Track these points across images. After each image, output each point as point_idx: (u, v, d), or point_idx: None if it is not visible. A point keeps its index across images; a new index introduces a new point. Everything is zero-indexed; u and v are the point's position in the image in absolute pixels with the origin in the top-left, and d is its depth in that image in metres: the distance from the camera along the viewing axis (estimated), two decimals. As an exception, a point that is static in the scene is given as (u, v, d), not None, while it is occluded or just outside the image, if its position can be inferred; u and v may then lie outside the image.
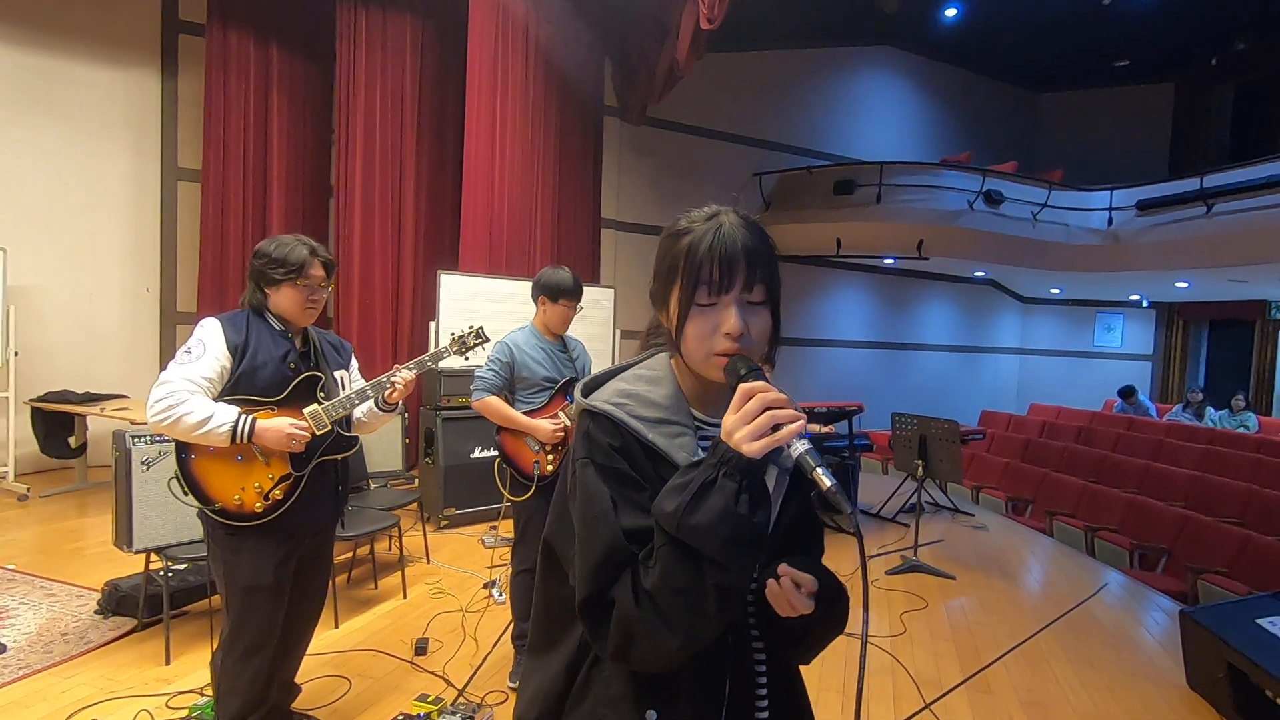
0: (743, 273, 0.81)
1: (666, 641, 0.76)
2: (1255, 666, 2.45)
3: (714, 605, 0.76)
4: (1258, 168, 7.47)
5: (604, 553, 0.79)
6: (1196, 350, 11.10)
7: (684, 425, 0.87)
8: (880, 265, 10.18)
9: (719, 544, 0.73)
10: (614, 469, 0.82)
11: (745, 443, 0.73)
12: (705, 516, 0.72)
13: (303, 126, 6.25)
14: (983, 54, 10.77)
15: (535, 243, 6.49)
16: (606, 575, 0.79)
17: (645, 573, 0.78)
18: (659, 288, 0.89)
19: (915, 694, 2.72)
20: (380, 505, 3.65)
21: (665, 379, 0.90)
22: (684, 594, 0.75)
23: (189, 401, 1.79)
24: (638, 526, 0.79)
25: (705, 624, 0.77)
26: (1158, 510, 5.18)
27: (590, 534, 0.81)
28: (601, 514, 0.80)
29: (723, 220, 0.84)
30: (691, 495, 0.73)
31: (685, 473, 0.77)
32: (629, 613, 0.76)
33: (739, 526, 0.73)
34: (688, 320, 0.83)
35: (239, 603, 1.93)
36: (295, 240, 1.99)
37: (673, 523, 0.74)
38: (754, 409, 0.74)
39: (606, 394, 0.88)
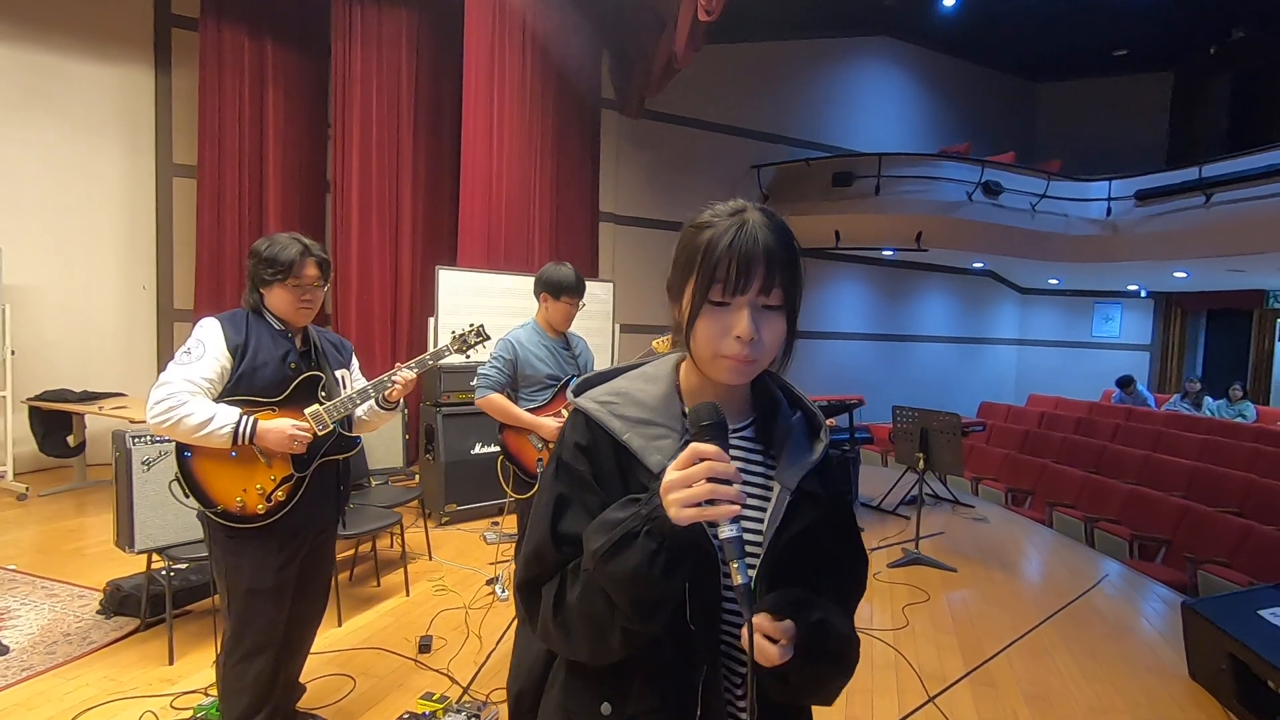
0: (761, 275, 0.78)
1: (574, 652, 0.81)
2: (1257, 658, 2.45)
3: (618, 641, 0.76)
4: (1256, 157, 7.46)
5: (535, 549, 0.83)
6: (1194, 340, 11.12)
7: (668, 428, 0.84)
8: (879, 257, 10.17)
9: (626, 599, 0.73)
10: (574, 470, 0.83)
11: (674, 508, 0.70)
12: (618, 568, 0.72)
13: (298, 122, 6.21)
14: (981, 44, 10.72)
15: (534, 237, 6.47)
16: (536, 570, 0.83)
17: (571, 582, 0.79)
18: (675, 279, 0.86)
19: (919, 688, 2.73)
20: (381, 502, 3.64)
21: (663, 379, 0.88)
22: (593, 623, 0.76)
23: (190, 403, 1.77)
24: (577, 532, 0.79)
25: (609, 652, 0.78)
26: (1157, 501, 5.20)
27: (533, 528, 0.84)
28: (543, 512, 0.83)
29: (747, 218, 0.81)
30: (613, 544, 0.72)
31: (624, 505, 0.76)
32: (547, 615, 0.81)
33: (648, 587, 0.72)
34: (699, 317, 0.80)
35: (240, 605, 1.93)
36: (289, 239, 1.97)
37: (590, 562, 0.75)
38: (695, 476, 0.69)
39: (598, 392, 0.88)
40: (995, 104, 11.59)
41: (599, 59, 7.52)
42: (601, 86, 7.67)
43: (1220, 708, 2.66)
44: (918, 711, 2.58)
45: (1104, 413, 8.81)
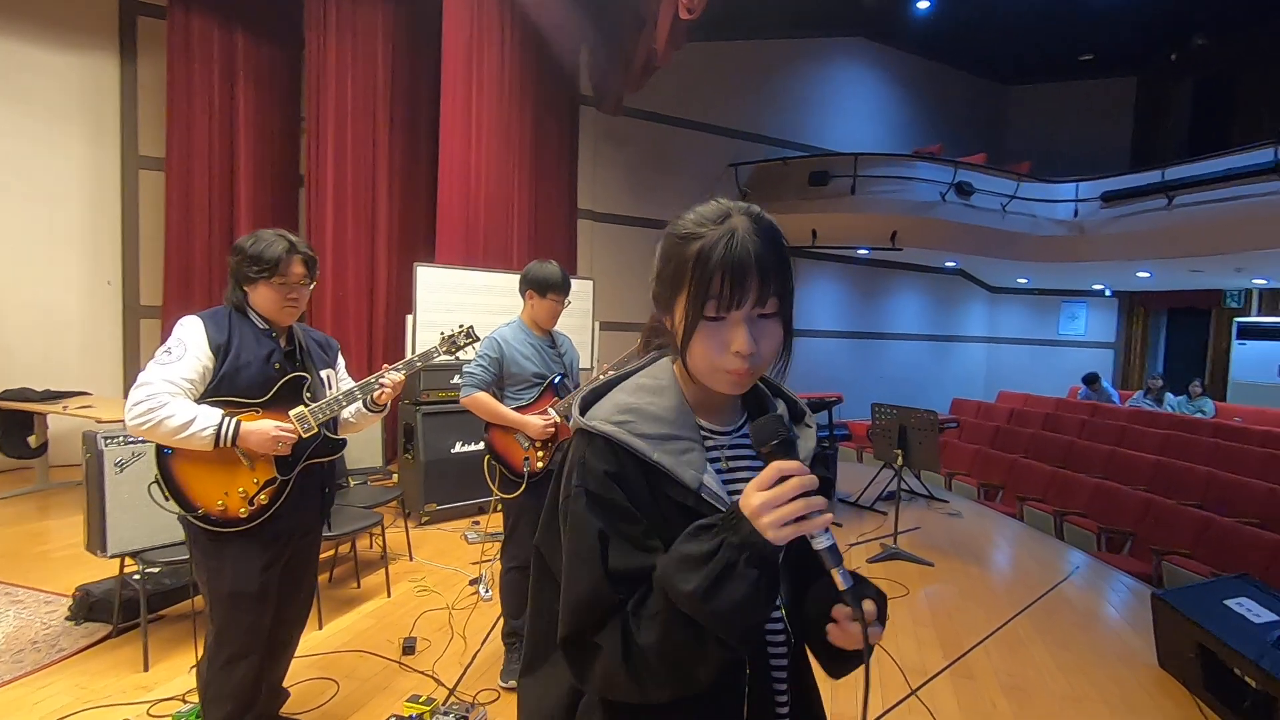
0: (755, 288, 0.76)
1: (651, 696, 0.75)
2: (1224, 646, 2.54)
3: (710, 672, 0.74)
4: (1215, 161, 7.71)
5: (586, 597, 0.76)
6: (1156, 338, 11.46)
7: (691, 440, 0.82)
8: (854, 256, 10.29)
9: (738, 633, 0.71)
10: (608, 500, 0.78)
11: (772, 529, 0.69)
12: (725, 605, 0.69)
13: (270, 114, 6.08)
14: (953, 46, 10.90)
15: (513, 234, 6.42)
16: (587, 619, 0.76)
17: (638, 625, 0.74)
18: (663, 292, 0.83)
19: (901, 681, 2.78)
20: (360, 503, 3.60)
21: (669, 388, 0.85)
22: (679, 661, 0.72)
23: (170, 404, 1.73)
24: (628, 567, 0.76)
25: (696, 686, 0.75)
26: (1123, 494, 5.35)
27: (574, 574, 0.77)
28: (587, 555, 0.76)
29: (735, 225, 0.77)
30: (712, 580, 0.69)
31: (698, 537, 0.73)
32: (615, 664, 0.74)
33: (757, 614, 0.72)
34: (695, 335, 0.78)
35: (223, 609, 1.88)
36: (274, 236, 1.92)
37: (690, 605, 0.70)
38: (787, 494, 0.70)
39: (606, 410, 0.83)
40: (967, 106, 11.80)
41: (577, 55, 7.48)
42: (580, 83, 7.64)
43: (1189, 695, 2.75)
44: (900, 704, 2.62)
45: (1071, 409, 9.04)
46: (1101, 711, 2.65)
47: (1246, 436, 6.91)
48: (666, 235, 0.83)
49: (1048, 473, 6.13)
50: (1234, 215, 7.27)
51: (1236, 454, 6.26)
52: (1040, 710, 2.64)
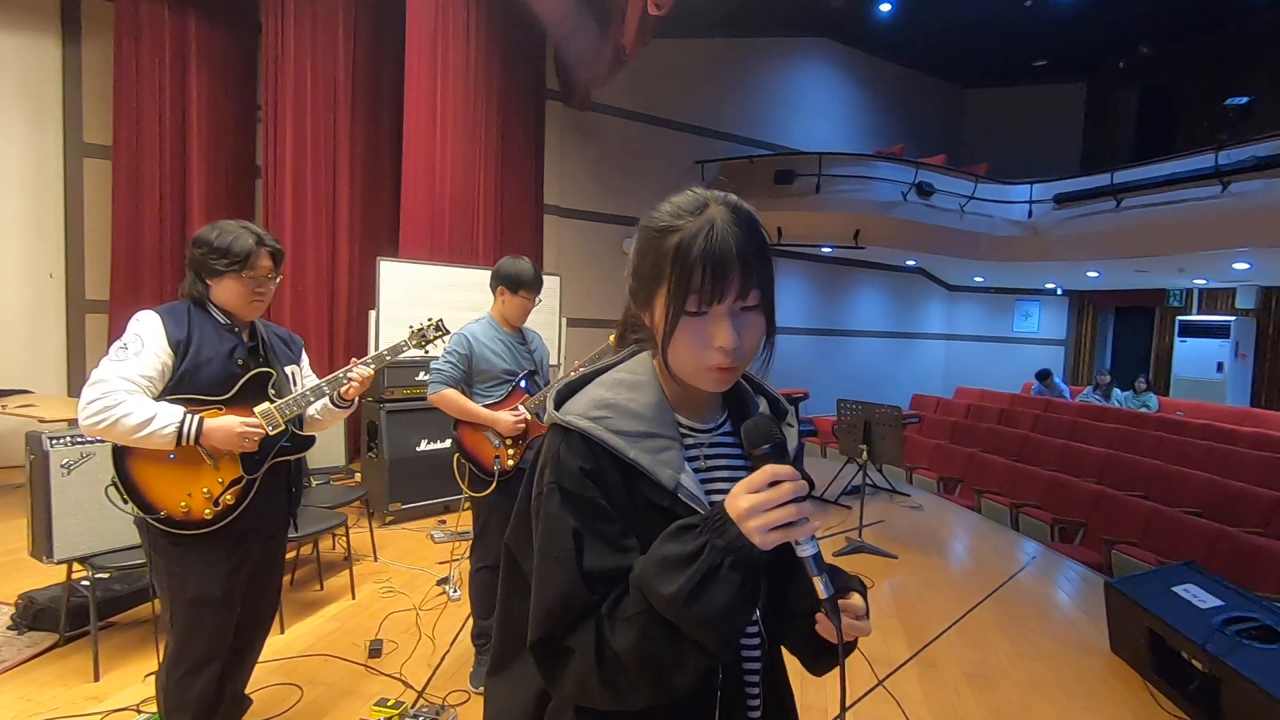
0: (737, 281, 0.74)
1: (626, 703, 0.72)
2: (1172, 630, 2.65)
3: (688, 679, 0.71)
4: (1159, 165, 8.03)
5: (560, 598, 0.73)
6: (1104, 335, 11.90)
7: (669, 438, 0.80)
8: (818, 254, 10.43)
9: (718, 640, 0.69)
10: (583, 498, 0.75)
11: (758, 534, 0.68)
12: (707, 611, 0.67)
13: (224, 102, 5.87)
14: (914, 49, 11.12)
15: (478, 229, 6.34)
16: (560, 622, 0.73)
17: (613, 629, 0.71)
18: (640, 288, 0.81)
19: (868, 672, 2.83)
20: (323, 503, 3.51)
21: (648, 384, 0.82)
22: (656, 667, 0.70)
23: (127, 402, 1.65)
24: (603, 567, 0.73)
25: (672, 693, 0.72)
26: (1074, 486, 5.55)
27: (547, 574, 0.74)
28: (561, 555, 0.73)
29: (714, 216, 0.75)
30: (695, 583, 0.67)
31: (679, 538, 0.71)
32: (588, 670, 0.71)
33: (739, 620, 0.69)
34: (676, 330, 0.76)
35: (185, 615, 1.81)
36: (239, 227, 1.86)
37: (670, 609, 0.68)
38: (777, 499, 0.68)
39: (582, 405, 0.80)
40: (927, 107, 12.06)
41: (544, 48, 7.41)
42: (546, 76, 7.57)
43: (1139, 679, 2.87)
44: (868, 695, 2.67)
45: (1024, 404, 9.34)
46: (1058, 696, 2.74)
47: (1188, 430, 7.24)
48: (642, 228, 0.80)
49: (1004, 466, 6.32)
50: (1177, 218, 7.58)
51: (1179, 446, 6.55)
52: (1001, 697, 2.72)
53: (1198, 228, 7.38)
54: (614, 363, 0.89)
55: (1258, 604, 2.66)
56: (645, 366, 0.85)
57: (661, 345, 0.78)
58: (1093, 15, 9.66)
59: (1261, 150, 6.90)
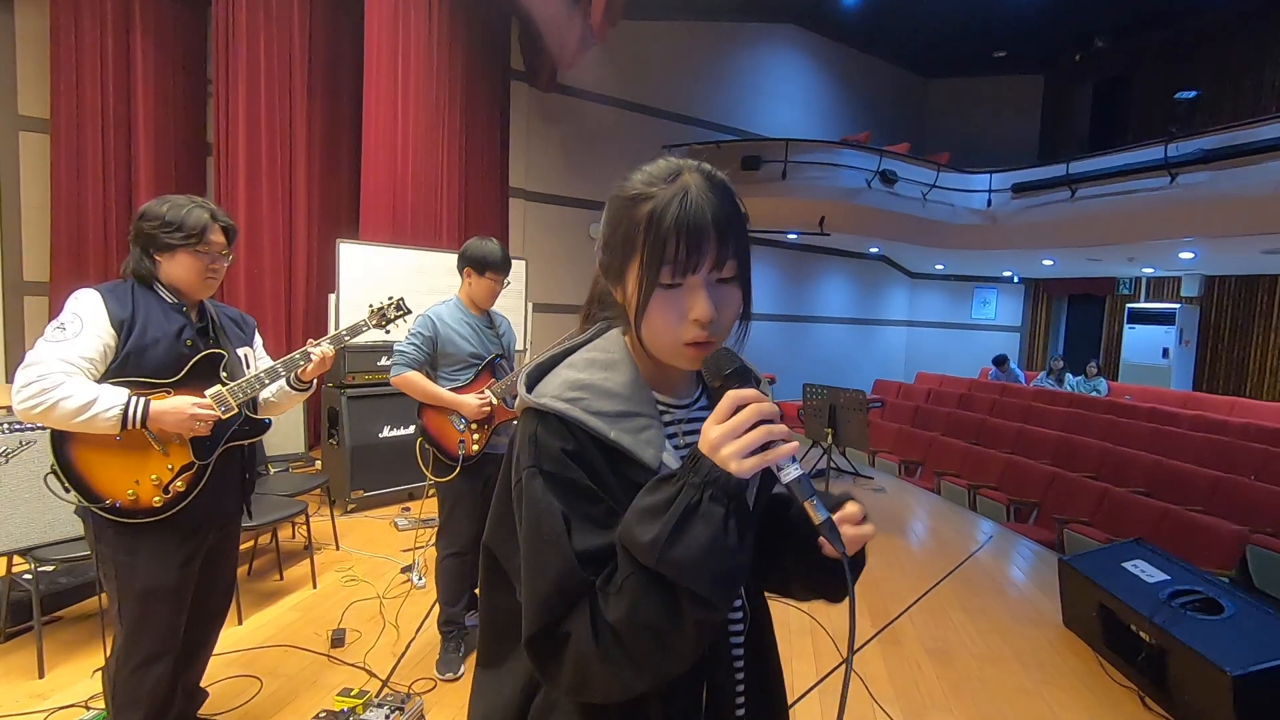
0: (713, 250, 0.71)
1: (629, 682, 0.67)
2: (1121, 604, 2.76)
3: (690, 642, 0.67)
4: (1112, 157, 8.27)
5: (556, 582, 0.69)
6: (1057, 322, 12.27)
7: (648, 416, 0.77)
8: (784, 240, 10.51)
9: (707, 580, 0.64)
10: (567, 479, 0.71)
11: (734, 460, 0.65)
12: (690, 549, 0.63)
13: (172, 76, 5.61)
14: (878, 38, 11.22)
15: (442, 211, 6.20)
16: (559, 608, 0.69)
17: (606, 601, 0.67)
18: (612, 260, 0.77)
19: (833, 650, 2.88)
20: (282, 491, 3.41)
21: (622, 362, 0.79)
22: (654, 630, 0.66)
23: (66, 384, 1.56)
24: (594, 546, 0.70)
25: (676, 662, 0.68)
26: (1029, 468, 5.72)
27: (539, 560, 0.70)
28: (552, 537, 0.69)
29: (688, 183, 0.72)
30: (674, 523, 0.64)
31: (657, 489, 0.68)
32: (586, 650, 0.67)
33: (728, 559, 0.65)
34: (650, 303, 0.72)
35: (135, 607, 1.74)
36: (190, 201, 1.77)
37: (651, 555, 0.64)
38: (745, 421, 0.66)
39: (556, 387, 0.76)
40: (890, 96, 12.19)
41: (509, 27, 7.25)
42: (511, 57, 7.42)
43: (1091, 651, 2.97)
44: (834, 673, 2.72)
45: (982, 389, 9.59)
46: (1015, 669, 2.82)
47: (1135, 413, 7.52)
48: (613, 198, 0.77)
49: (962, 449, 6.48)
50: (1128, 208, 7.83)
51: (1127, 429, 6.80)
52: (961, 671, 2.79)
53: (1147, 218, 7.63)
54: (582, 341, 0.85)
55: (1200, 578, 2.78)
56: (617, 344, 0.81)
57: (635, 320, 0.75)
58: (1051, 9, 9.87)
59: (1208, 143, 7.16)
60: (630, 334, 0.80)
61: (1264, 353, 9.64)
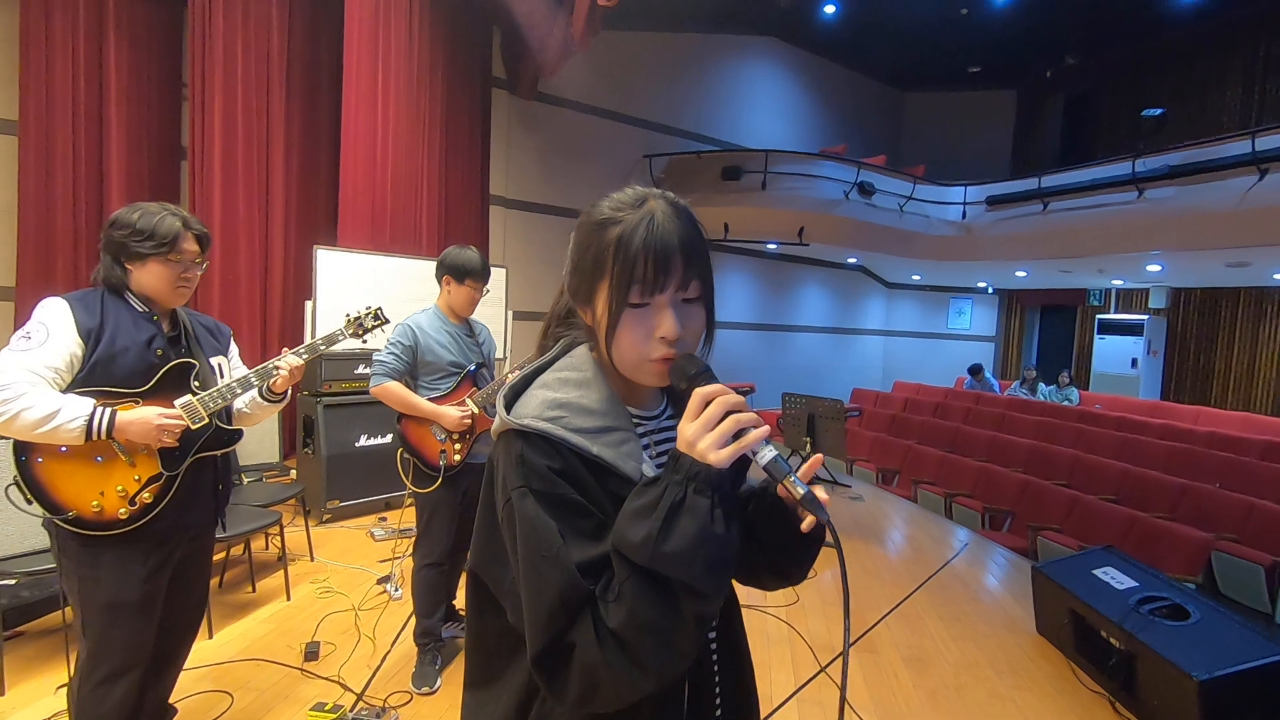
0: (679, 270, 0.76)
1: (637, 684, 0.69)
2: (1092, 611, 2.80)
3: (690, 637, 0.70)
4: (1082, 171, 8.48)
5: (559, 596, 0.70)
6: (1030, 332, 12.51)
7: (625, 429, 0.80)
8: (764, 250, 10.59)
9: (700, 571, 0.67)
10: (557, 496, 0.73)
11: (711, 451, 0.69)
12: (681, 542, 0.66)
13: (147, 77, 5.51)
14: (856, 51, 11.40)
15: (421, 218, 6.17)
16: (563, 621, 0.70)
17: (606, 610, 0.69)
18: (580, 283, 0.81)
19: (812, 659, 2.89)
20: (255, 501, 3.35)
21: (594, 380, 0.82)
22: (656, 630, 0.68)
23: (29, 394, 1.52)
24: (589, 558, 0.72)
25: (680, 659, 0.71)
26: (1003, 476, 5.82)
27: (540, 577, 0.71)
28: (551, 553, 0.71)
29: (654, 209, 0.77)
30: (663, 520, 0.67)
31: (643, 492, 0.71)
32: (592, 658, 0.69)
33: (719, 548, 0.68)
34: (620, 323, 0.76)
35: (100, 621, 1.69)
36: (163, 209, 1.74)
37: (644, 553, 0.67)
38: (715, 414, 0.70)
39: (535, 407, 0.78)
40: (868, 109, 12.39)
41: (490, 34, 7.25)
42: (492, 64, 7.41)
43: (1063, 657, 3.02)
44: (811, 682, 2.73)
45: (957, 398, 9.73)
46: (989, 676, 2.86)
47: (1105, 422, 7.68)
48: (581, 224, 0.81)
49: (938, 457, 6.57)
50: (1097, 221, 8.02)
51: (1097, 438, 6.95)
52: (936, 677, 2.82)
53: (1116, 231, 7.82)
54: (549, 361, 0.87)
55: (1168, 584, 2.83)
56: (587, 362, 0.84)
57: (605, 339, 0.78)
58: (1023, 26, 10.12)
59: (1173, 159, 7.37)
60: (598, 351, 0.83)
61: (1227, 363, 9.92)
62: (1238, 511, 4.86)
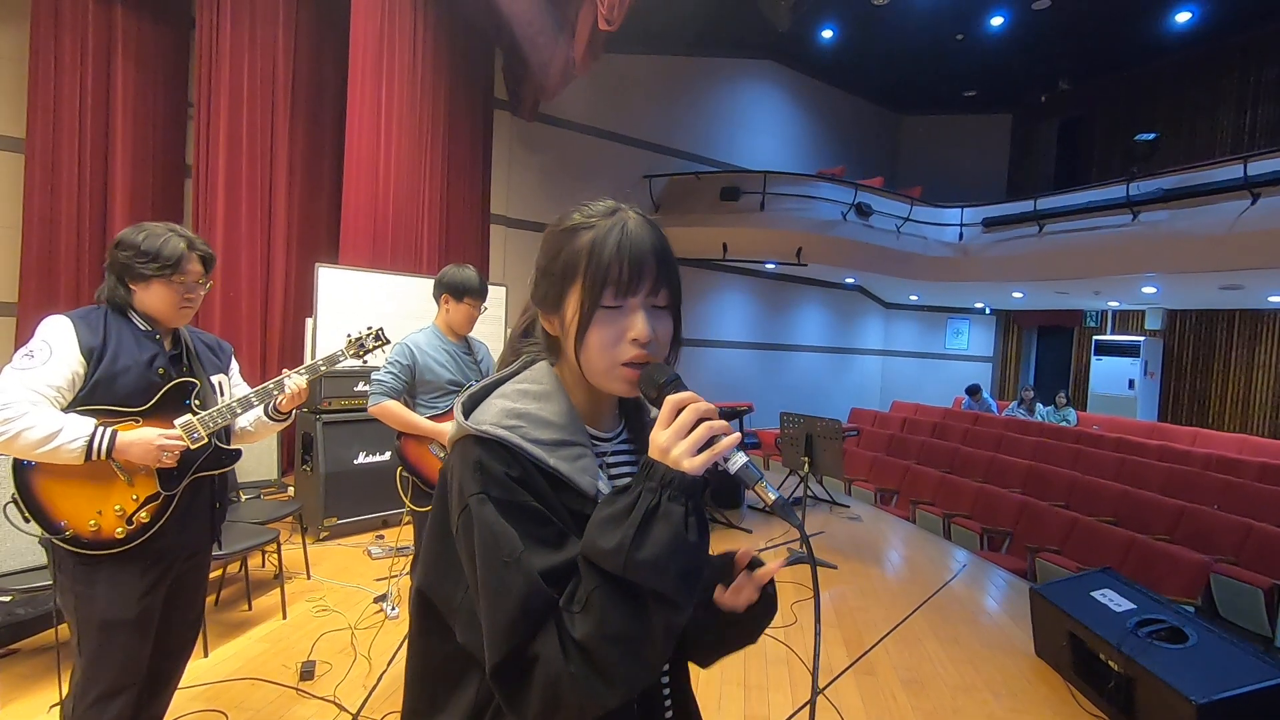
0: (651, 275, 0.76)
1: (602, 698, 0.67)
2: (1090, 633, 2.80)
3: (659, 649, 0.69)
4: (1077, 194, 8.56)
5: (521, 604, 0.68)
6: (1028, 353, 12.54)
7: (583, 445, 0.79)
8: (762, 270, 10.66)
9: (674, 578, 0.66)
10: (515, 503, 0.72)
11: (685, 458, 0.68)
12: (655, 549, 0.65)
13: (153, 98, 5.58)
14: (853, 75, 11.56)
15: (422, 237, 6.22)
16: (525, 630, 0.68)
17: (571, 620, 0.68)
18: (549, 289, 0.81)
19: (809, 681, 2.87)
20: (253, 518, 3.35)
21: (555, 393, 0.81)
22: (625, 641, 0.67)
23: (30, 414, 1.54)
24: (549, 566, 0.70)
25: (647, 671, 0.70)
26: (1001, 497, 5.80)
27: (501, 583, 0.69)
28: (512, 558, 0.69)
29: (627, 217, 0.79)
30: (637, 527, 0.66)
31: (614, 500, 0.70)
32: (556, 671, 0.66)
33: (691, 556, 0.67)
34: (591, 325, 0.76)
35: (95, 640, 1.69)
36: (168, 230, 1.76)
37: (617, 561, 0.66)
38: (688, 421, 0.69)
39: (493, 415, 0.76)
40: (865, 131, 12.52)
41: (492, 57, 7.36)
42: (494, 86, 7.51)
43: (1061, 680, 3.00)
44: (808, 704, 2.71)
45: (955, 418, 9.73)
46: (988, 699, 2.84)
47: (1102, 443, 7.68)
48: (551, 232, 0.82)
49: (936, 478, 6.56)
50: (1093, 244, 8.09)
51: (1095, 459, 6.94)
52: (934, 700, 2.80)
53: (1111, 253, 7.88)
54: (510, 374, 0.86)
55: (1166, 607, 2.83)
56: (548, 376, 0.83)
57: (574, 342, 0.78)
58: (1017, 52, 10.28)
59: (1167, 183, 7.45)
60: (560, 366, 0.84)
61: (1223, 385, 9.94)
62: (1236, 534, 4.85)
